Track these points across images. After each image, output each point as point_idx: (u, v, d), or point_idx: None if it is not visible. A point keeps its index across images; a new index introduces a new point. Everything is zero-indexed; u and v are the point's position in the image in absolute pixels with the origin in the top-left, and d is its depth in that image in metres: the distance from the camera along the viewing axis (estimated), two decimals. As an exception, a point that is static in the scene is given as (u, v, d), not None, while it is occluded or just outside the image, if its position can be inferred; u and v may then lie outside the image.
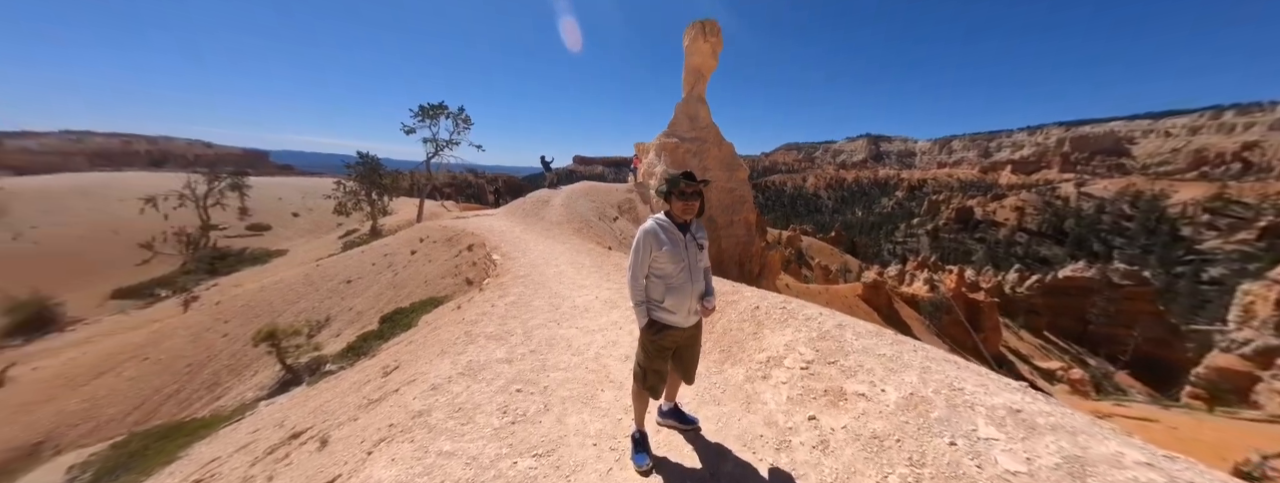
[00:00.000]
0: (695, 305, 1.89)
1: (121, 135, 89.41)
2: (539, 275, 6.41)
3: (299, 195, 30.25)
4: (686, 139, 14.70)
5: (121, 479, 4.31)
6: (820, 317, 3.03)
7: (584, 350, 3.28)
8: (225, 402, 6.90)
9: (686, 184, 1.84)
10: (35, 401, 7.57)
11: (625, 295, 4.97)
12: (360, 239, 18.68)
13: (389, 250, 11.76)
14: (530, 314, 4.50)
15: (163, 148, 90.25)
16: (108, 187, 24.93)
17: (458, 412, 2.39)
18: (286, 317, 9.52)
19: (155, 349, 8.66)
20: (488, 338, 3.85)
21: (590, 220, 11.92)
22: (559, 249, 8.37)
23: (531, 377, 2.80)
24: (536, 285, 5.84)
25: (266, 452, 3.32)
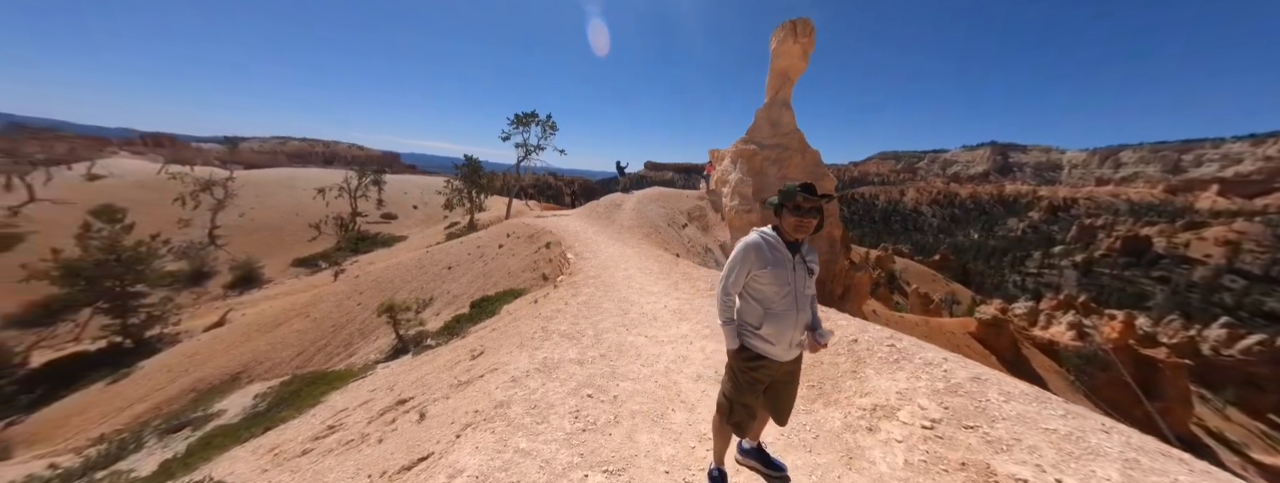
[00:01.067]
0: (798, 337, 1.64)
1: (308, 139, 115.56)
2: (609, 277, 6.54)
3: (419, 191, 35.72)
4: (767, 146, 13.90)
5: (283, 412, 5.44)
6: (945, 363, 2.51)
7: (653, 362, 3.21)
8: (355, 360, 8.36)
9: (804, 198, 1.59)
10: (239, 340, 10.03)
11: (694, 306, 4.81)
12: (460, 231, 21.31)
13: (481, 243, 13.16)
14: (600, 316, 4.58)
15: (332, 149, 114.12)
16: (296, 180, 32.28)
17: (534, 408, 2.48)
18: (402, 294, 11.22)
19: (314, 309, 10.86)
20: (561, 336, 4.00)
21: (659, 226, 11.93)
22: (628, 253, 8.48)
23: (602, 383, 2.80)
24: (606, 287, 5.96)
25: (380, 413, 3.87)
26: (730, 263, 1.67)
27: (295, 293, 15.14)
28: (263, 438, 4.73)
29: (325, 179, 31.05)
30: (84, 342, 11.54)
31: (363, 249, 21.58)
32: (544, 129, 21.62)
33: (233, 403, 6.82)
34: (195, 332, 12.05)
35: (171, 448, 5.47)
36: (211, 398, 7.36)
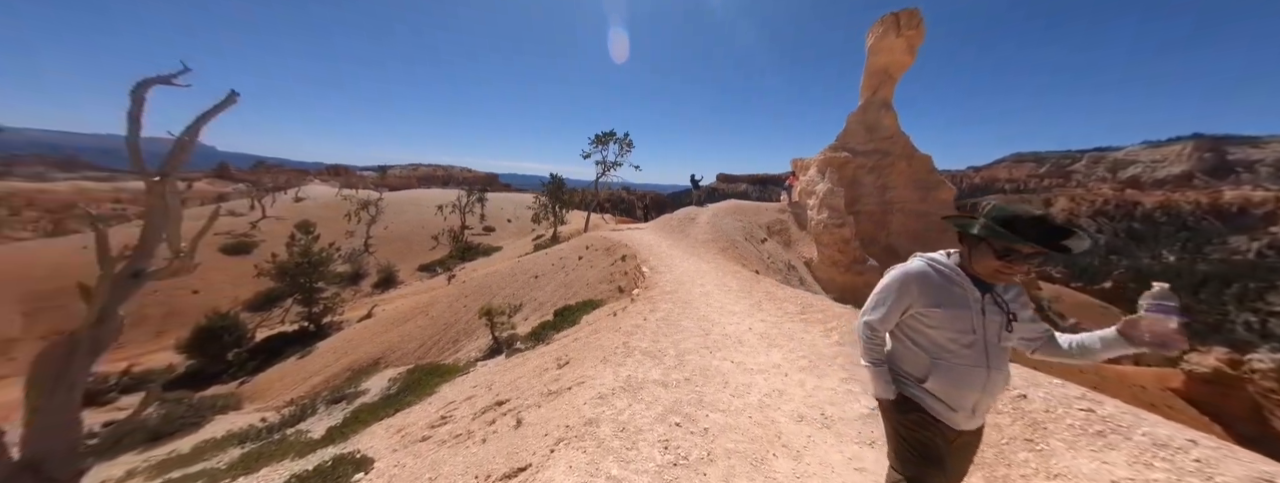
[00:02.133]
0: (986, 402, 1.23)
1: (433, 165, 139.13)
2: (685, 293, 6.40)
3: (513, 207, 40.13)
4: (862, 152, 12.53)
5: (407, 397, 6.37)
6: (1194, 448, 1.75)
7: (744, 393, 2.97)
8: (460, 355, 9.53)
9: (1027, 245, 1.10)
10: (380, 331, 12.19)
11: (784, 331, 4.41)
12: (545, 243, 23.22)
13: (563, 255, 14.10)
14: (680, 335, 4.46)
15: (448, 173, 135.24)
16: (422, 199, 38.88)
17: (622, 431, 2.46)
18: (497, 299, 12.54)
19: (432, 309, 12.72)
20: (643, 354, 3.98)
21: (736, 240, 11.44)
22: (704, 268, 8.25)
23: (689, 411, 2.67)
24: (683, 304, 5.83)
25: (481, 410, 4.27)
26: (879, 293, 1.33)
27: (419, 294, 17.98)
28: (393, 418, 5.58)
29: (443, 198, 36.78)
30: (286, 324, 15.27)
31: (468, 258, 24.84)
32: (621, 146, 22.68)
33: (374, 384, 8.23)
34: (352, 322, 15.01)
35: (333, 417, 6.78)
36: (360, 378, 9.01)
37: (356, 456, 3.92)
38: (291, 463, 4.79)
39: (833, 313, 4.83)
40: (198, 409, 8.59)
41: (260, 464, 4.98)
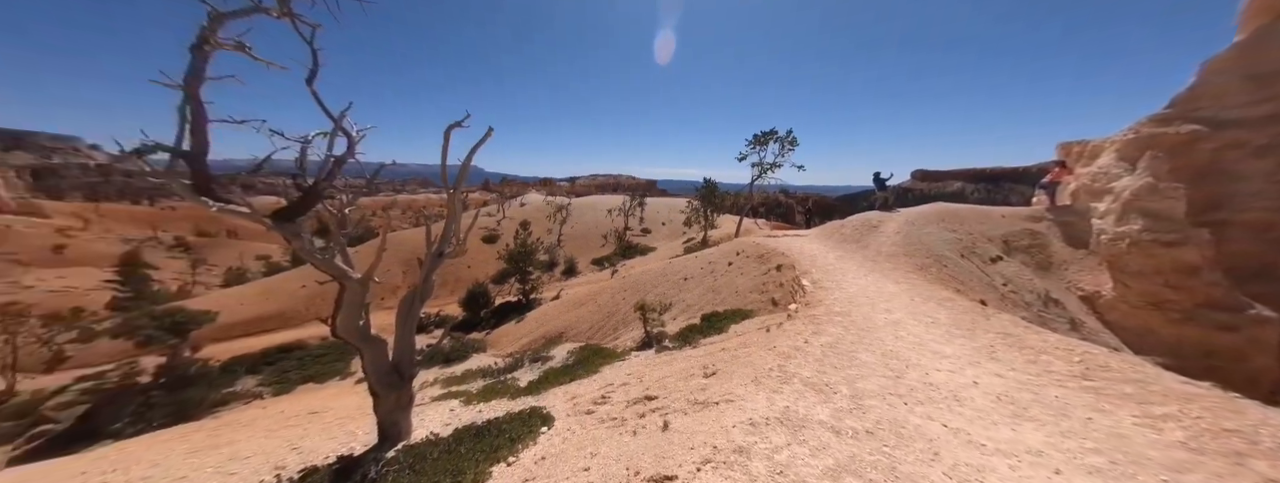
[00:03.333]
0: None
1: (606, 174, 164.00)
2: (862, 319, 5.25)
3: (667, 211, 42.83)
4: (1234, 122, 7.47)
5: (578, 371, 7.62)
6: None
7: (973, 480, 2.13)
8: (619, 343, 10.80)
9: None
10: (564, 311, 15.12)
11: (1043, 399, 2.95)
12: (695, 246, 23.70)
13: (712, 260, 13.99)
14: (856, 370, 3.66)
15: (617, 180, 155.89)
16: (596, 204, 46.14)
17: (779, 474, 2.17)
18: (650, 296, 13.57)
19: (599, 298, 14.90)
20: (804, 384, 3.45)
21: (944, 256, 8.67)
22: (891, 289, 6.59)
23: (877, 478, 2.12)
24: (860, 331, 4.79)
25: (633, 400, 4.65)
26: None
27: (591, 284, 21.40)
28: (569, 386, 6.76)
29: (612, 203, 42.68)
30: (511, 296, 21.02)
31: (628, 256, 27.96)
32: (782, 145, 20.89)
33: (558, 353, 10.26)
34: (546, 300, 19.23)
35: (533, 373, 8.80)
36: (549, 346, 11.40)
37: (543, 411, 4.92)
38: (508, 402, 6.45)
39: (1165, 389, 2.88)
40: (466, 346, 12.80)
41: (490, 398, 6.93)
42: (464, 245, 6.23)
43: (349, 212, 5.90)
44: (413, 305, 5.90)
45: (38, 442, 10.82)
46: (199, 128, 3.58)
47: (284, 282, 26.82)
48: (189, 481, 4.67)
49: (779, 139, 21.03)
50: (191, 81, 3.42)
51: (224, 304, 22.01)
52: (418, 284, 5.95)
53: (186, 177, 3.69)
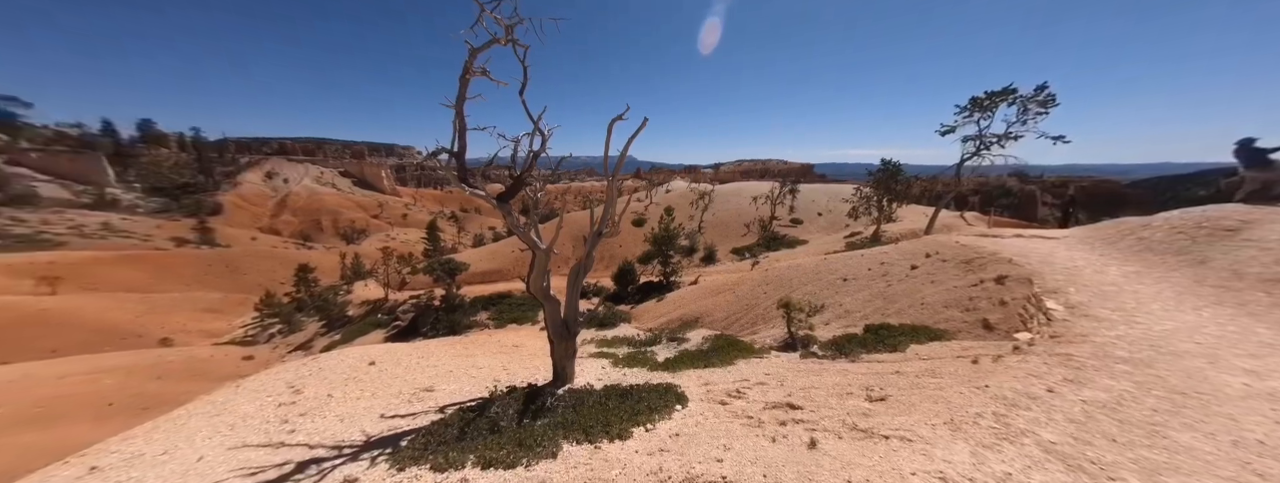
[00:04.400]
0: None
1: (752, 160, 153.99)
2: (1185, 376, 3.26)
3: (825, 199, 37.02)
4: None
5: (712, 359, 7.58)
6: None
7: None
8: (756, 337, 10.19)
9: None
10: (701, 296, 15.28)
11: None
12: (861, 242, 19.71)
13: (887, 259, 11.30)
14: (1162, 456, 2.29)
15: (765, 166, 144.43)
16: (741, 191, 43.99)
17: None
18: (797, 294, 12.15)
19: (738, 288, 14.35)
20: (1046, 451, 2.39)
21: None
22: (1266, 337, 3.85)
23: None
24: (1175, 396, 2.99)
25: (773, 404, 4.27)
26: None
27: (730, 273, 20.84)
28: (702, 371, 6.82)
29: (758, 190, 39.85)
30: (654, 276, 22.72)
31: (773, 247, 25.75)
32: (1024, 108, 14.73)
33: (694, 337, 10.49)
34: (684, 284, 19.86)
35: (669, 351, 9.31)
36: (686, 328, 11.78)
37: (678, 390, 5.11)
38: (647, 373, 7.04)
39: None
40: (615, 316, 14.67)
41: (633, 365, 7.70)
42: (618, 227, 6.93)
43: (540, 195, 7.41)
44: (578, 275, 6.98)
45: (394, 330, 18.65)
46: (461, 134, 5.09)
47: (504, 246, 36.87)
48: (454, 372, 7.09)
49: (1019, 100, 14.70)
50: (458, 102, 4.85)
51: (471, 259, 32.13)
52: (582, 258, 6.99)
53: (455, 169, 5.36)
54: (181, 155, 79.19)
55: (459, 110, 4.98)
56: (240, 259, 40.94)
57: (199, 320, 26.07)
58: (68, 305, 23.29)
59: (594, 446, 3.47)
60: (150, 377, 15.19)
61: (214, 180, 73.84)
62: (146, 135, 78.87)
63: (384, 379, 6.59)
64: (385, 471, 3.39)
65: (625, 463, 3.10)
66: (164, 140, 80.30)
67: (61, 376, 13.88)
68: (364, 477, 3.33)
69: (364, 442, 4.19)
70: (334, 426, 4.65)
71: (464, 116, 5.09)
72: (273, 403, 5.32)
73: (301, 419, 4.81)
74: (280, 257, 42.69)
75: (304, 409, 5.11)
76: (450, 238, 62.20)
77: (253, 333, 23.98)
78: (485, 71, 4.66)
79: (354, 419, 4.88)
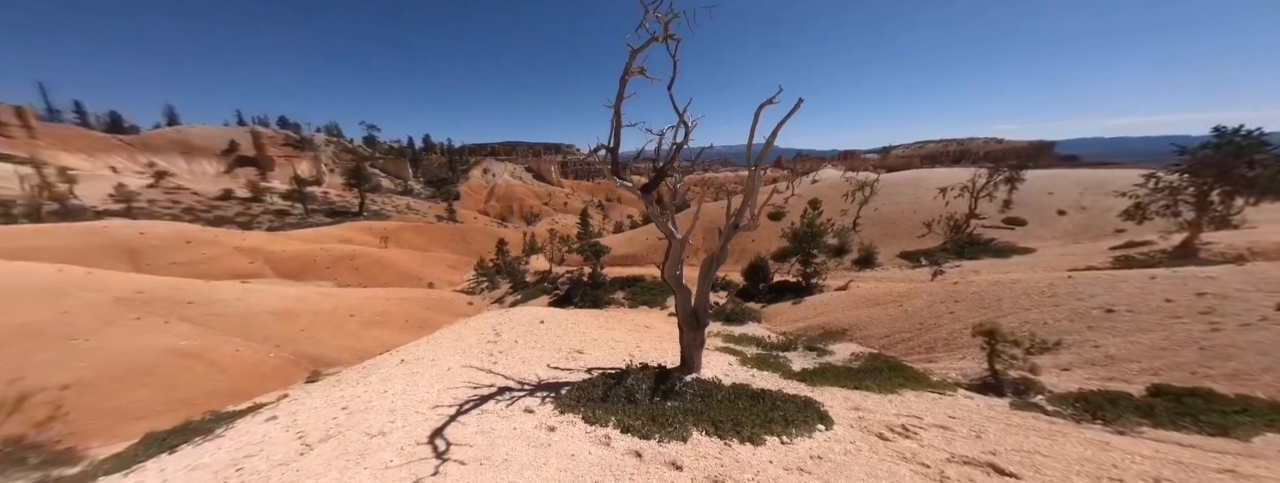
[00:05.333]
0: None
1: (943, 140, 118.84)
2: None
3: (1075, 191, 25.52)
4: None
5: (866, 381, 6.33)
6: None
7: None
8: (932, 367, 7.98)
9: None
10: (851, 305, 12.97)
11: None
12: (1153, 258, 12.83)
13: (1221, 290, 7.01)
14: None
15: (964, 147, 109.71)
16: (923, 180, 34.69)
17: None
18: (1010, 320, 8.87)
19: (907, 301, 11.53)
20: None
21: None
22: None
23: None
24: None
25: (962, 460, 3.26)
26: None
27: (895, 281, 16.97)
28: (851, 393, 5.80)
29: (950, 178, 30.62)
30: (790, 275, 20.58)
31: (969, 255, 19.53)
32: None
33: (839, 351, 9.05)
34: (829, 288, 17.25)
35: (806, 360, 8.31)
36: (828, 339, 10.27)
37: (821, 408, 4.48)
38: (779, 379, 6.48)
39: None
40: (743, 312, 14.03)
41: (762, 367, 7.20)
42: (757, 220, 6.47)
43: (678, 186, 7.59)
44: (711, 267, 6.89)
45: (555, 297, 22.96)
46: (617, 132, 5.65)
47: (640, 233, 40.12)
48: (598, 340, 8.22)
49: None
50: (617, 102, 5.37)
51: (613, 243, 36.21)
52: (716, 250, 6.85)
53: (609, 163, 6.00)
54: (441, 158, 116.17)
55: (617, 110, 5.50)
56: (467, 232, 57.70)
57: (446, 273, 38.28)
58: (390, 255, 37.88)
59: (724, 441, 3.40)
60: (423, 306, 23.23)
61: (456, 176, 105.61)
62: (427, 145, 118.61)
63: (549, 336, 8.15)
64: (551, 409, 4.20)
65: (758, 470, 2.92)
66: (434, 148, 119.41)
67: (386, 299, 22.75)
68: (538, 410, 4.21)
69: (537, 383, 5.30)
70: (518, 365, 6.05)
71: (620, 115, 5.60)
72: (483, 339, 7.33)
73: (500, 355, 6.45)
74: (489, 232, 58.09)
75: (502, 348, 6.84)
76: (597, 223, 71.57)
77: (472, 285, 33.67)
78: (643, 70, 4.97)
79: (530, 364, 6.22)
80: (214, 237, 30.37)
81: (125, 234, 26.59)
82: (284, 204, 57.10)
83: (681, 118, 5.99)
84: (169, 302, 14.53)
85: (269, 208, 54.45)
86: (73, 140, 56.23)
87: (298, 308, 17.57)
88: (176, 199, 49.73)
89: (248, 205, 53.52)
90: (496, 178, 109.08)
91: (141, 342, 11.89)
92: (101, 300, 13.23)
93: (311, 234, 42.31)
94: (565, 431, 3.61)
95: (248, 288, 19.28)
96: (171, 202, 48.71)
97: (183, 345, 12.40)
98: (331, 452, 3.27)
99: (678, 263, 6.63)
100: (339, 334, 16.87)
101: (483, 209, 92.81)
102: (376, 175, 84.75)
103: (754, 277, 19.50)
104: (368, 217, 59.36)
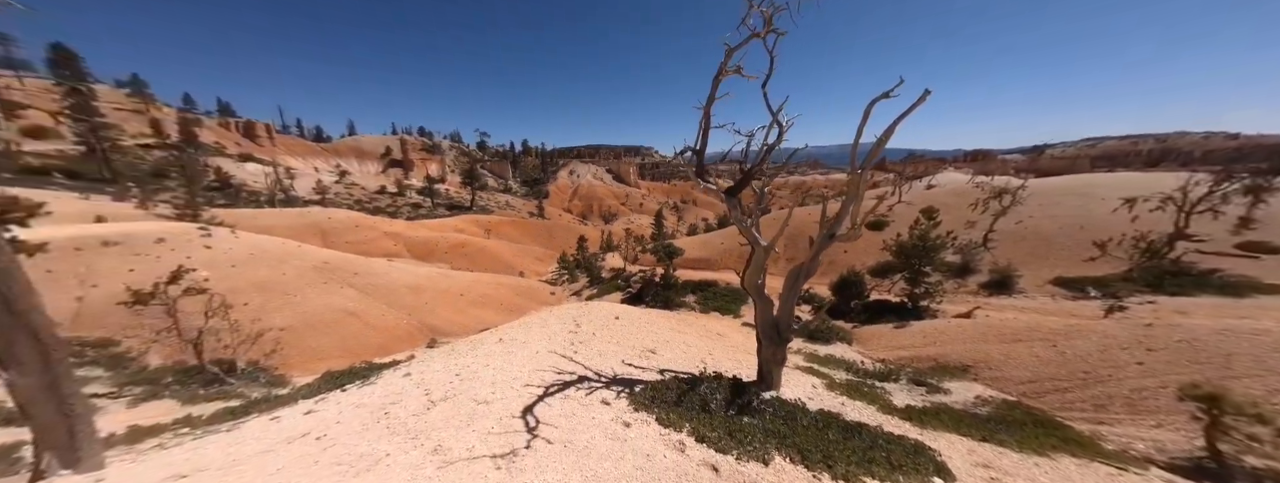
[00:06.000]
0: None
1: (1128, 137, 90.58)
2: None
3: (1392, 204, 17.10)
4: None
5: (1000, 435, 5.11)
6: None
7: None
8: (1105, 431, 6.09)
9: None
10: (976, 337, 10.67)
11: None
12: None
13: None
14: None
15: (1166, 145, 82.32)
16: (1094, 187, 26.89)
17: None
18: (1245, 383, 6.31)
19: (1065, 342, 9.04)
20: None
21: None
22: None
23: None
24: None
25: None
26: None
27: (1046, 314, 13.50)
28: (975, 445, 4.76)
29: (1142, 185, 23.21)
30: (891, 294, 17.83)
31: (1169, 288, 14.54)
32: None
33: (958, 391, 7.53)
34: (946, 314, 14.48)
35: (912, 396, 7.09)
36: (942, 375, 8.61)
37: (937, 458, 3.76)
38: (875, 412, 5.64)
39: None
40: (830, 331, 12.60)
41: (853, 396, 6.35)
42: (859, 230, 5.72)
43: (766, 190, 7.13)
44: (798, 279, 6.33)
45: (628, 294, 23.76)
46: (705, 134, 5.55)
47: (714, 237, 39.13)
48: (670, 342, 8.23)
49: None
50: (707, 102, 5.28)
51: (686, 245, 35.94)
52: (806, 261, 6.26)
53: (694, 165, 5.93)
54: (535, 160, 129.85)
55: (707, 111, 5.41)
56: (553, 228, 63.29)
57: (534, 264, 42.56)
58: (492, 246, 43.64)
59: (812, 473, 3.07)
60: (514, 292, 26.16)
61: (546, 176, 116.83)
62: (525, 149, 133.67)
63: (624, 332, 8.42)
64: (626, 405, 4.32)
65: (854, 514, 2.56)
66: (530, 152, 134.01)
67: (487, 283, 26.22)
68: (614, 403, 4.37)
69: (612, 377, 5.51)
70: (595, 357, 6.38)
71: (711, 116, 5.50)
72: (566, 329, 7.91)
73: (580, 345, 6.89)
74: (571, 229, 62.86)
75: (581, 339, 7.30)
76: (671, 225, 71.75)
77: (555, 277, 36.81)
78: (739, 69, 4.81)
79: (606, 357, 6.50)
80: (372, 223, 38.59)
81: (319, 218, 35.43)
82: (418, 198, 69.96)
83: (775, 117, 5.64)
84: (344, 272, 18.90)
85: (408, 201, 67.31)
86: (293, 147, 77.04)
87: (424, 285, 21.26)
88: (351, 192, 64.59)
89: (394, 199, 66.92)
90: (580, 179, 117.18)
91: (326, 301, 15.69)
92: (305, 267, 17.82)
93: (435, 224, 50.96)
94: (640, 429, 3.67)
95: (391, 265, 24.03)
96: (348, 194, 63.43)
97: (350, 306, 16.01)
98: (450, 411, 3.86)
99: (760, 271, 6.25)
100: (451, 310, 19.92)
101: (567, 207, 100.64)
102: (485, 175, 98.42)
103: (845, 292, 17.44)
104: (476, 211, 69.22)
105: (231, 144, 65.07)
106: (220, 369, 9.70)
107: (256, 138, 70.75)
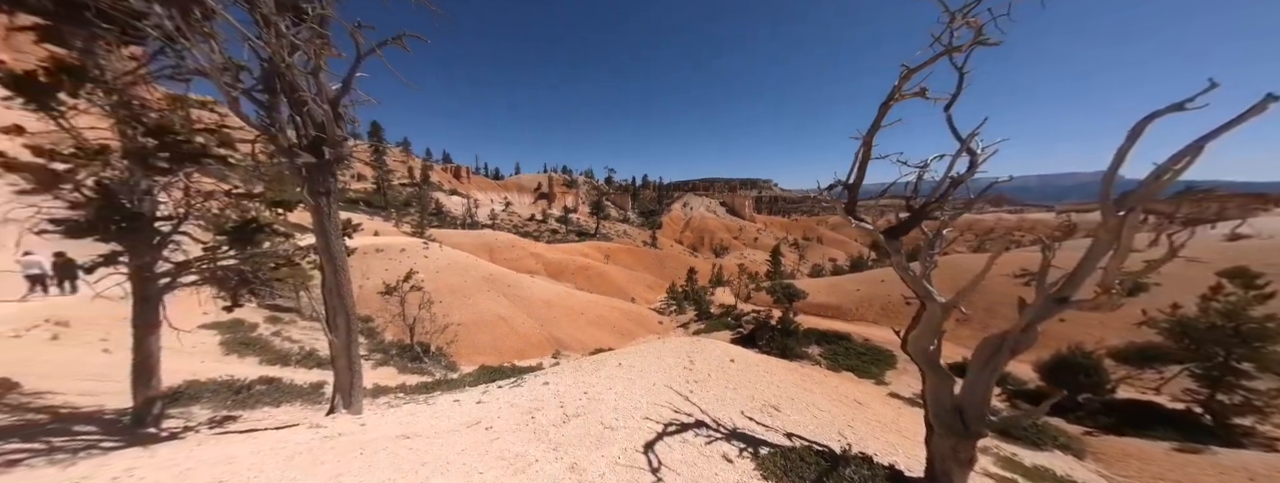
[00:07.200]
0: None
1: None
2: None
3: None
4: None
5: None
6: None
7: None
8: None
9: None
10: None
11: None
12: None
13: None
14: None
15: None
16: None
17: None
18: None
19: None
20: None
21: None
22: None
23: None
24: None
25: None
26: None
27: None
28: None
29: None
30: (1161, 396, 11.63)
31: None
32: None
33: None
34: None
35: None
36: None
37: None
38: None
39: None
40: (1042, 431, 8.84)
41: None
42: (1118, 298, 3.90)
43: (946, 232, 5.73)
44: (999, 353, 4.72)
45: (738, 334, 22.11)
46: (862, 165, 4.90)
47: (845, 281, 33.59)
48: (795, 400, 7.09)
49: None
50: (870, 131, 4.69)
51: (810, 288, 31.75)
52: (1014, 330, 4.65)
53: (845, 202, 5.24)
54: (652, 193, 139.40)
55: (869, 140, 4.81)
56: (664, 258, 65.31)
57: (645, 291, 44.29)
58: (610, 271, 47.64)
59: None
60: (625, 317, 27.48)
61: (661, 208, 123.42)
62: (644, 182, 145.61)
63: (740, 378, 7.68)
64: (752, 469, 3.78)
65: None
66: (649, 185, 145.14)
67: (604, 305, 28.38)
68: (737, 462, 3.89)
69: (732, 430, 4.98)
70: (712, 402, 5.94)
71: (872, 146, 4.86)
72: (680, 364, 7.70)
73: (695, 385, 6.56)
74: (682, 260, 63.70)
75: (696, 378, 6.95)
76: (790, 263, 65.14)
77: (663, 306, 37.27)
78: (924, 91, 4.17)
79: (724, 404, 5.98)
80: (523, 244, 47.17)
81: (489, 238, 45.26)
82: (556, 225, 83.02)
83: (966, 144, 4.63)
84: (501, 283, 23.30)
85: (548, 227, 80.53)
86: (480, 184, 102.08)
87: (555, 301, 24.37)
88: (511, 218, 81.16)
89: (539, 225, 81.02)
90: (693, 211, 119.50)
91: (488, 306, 19.49)
92: (477, 277, 22.70)
93: (565, 248, 58.92)
94: (772, 504, 3.11)
95: (532, 281, 28.48)
96: (509, 220, 79.84)
97: (503, 312, 19.46)
98: (581, 428, 4.10)
99: (933, 334, 4.95)
100: (573, 326, 22.10)
101: (678, 238, 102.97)
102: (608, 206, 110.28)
103: (1061, 378, 12.35)
104: (598, 238, 77.55)
105: (447, 181, 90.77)
106: (420, 349, 12.95)
107: (460, 177, 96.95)
